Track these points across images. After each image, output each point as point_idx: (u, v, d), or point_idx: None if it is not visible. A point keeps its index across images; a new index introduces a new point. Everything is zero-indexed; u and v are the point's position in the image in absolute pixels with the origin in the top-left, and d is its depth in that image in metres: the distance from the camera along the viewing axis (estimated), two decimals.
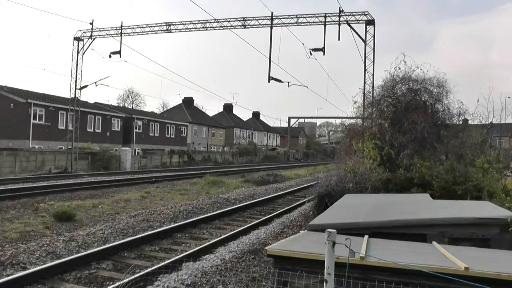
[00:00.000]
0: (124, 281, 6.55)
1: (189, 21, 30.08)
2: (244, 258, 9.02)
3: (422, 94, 16.57)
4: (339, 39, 26.25)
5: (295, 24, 27.37)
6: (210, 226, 13.11)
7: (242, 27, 28.50)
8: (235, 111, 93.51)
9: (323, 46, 26.19)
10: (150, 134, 58.87)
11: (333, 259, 3.75)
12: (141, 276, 7.07)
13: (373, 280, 4.76)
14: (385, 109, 17.02)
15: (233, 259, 8.83)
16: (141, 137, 56.43)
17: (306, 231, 7.17)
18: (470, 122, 17.87)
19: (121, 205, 16.73)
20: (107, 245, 9.60)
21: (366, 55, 25.32)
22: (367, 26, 25.52)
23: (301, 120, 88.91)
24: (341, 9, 25.86)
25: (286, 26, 27.43)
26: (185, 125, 68.33)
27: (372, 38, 25.43)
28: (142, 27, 31.01)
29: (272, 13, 27.61)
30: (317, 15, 26.82)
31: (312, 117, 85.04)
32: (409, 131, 14.92)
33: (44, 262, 8.25)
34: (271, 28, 27.57)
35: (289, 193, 23.42)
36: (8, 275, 7.22)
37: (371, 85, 23.58)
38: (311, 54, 26.45)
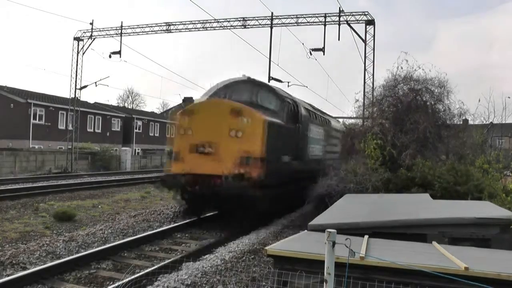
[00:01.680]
0: (124, 281, 6.54)
1: (189, 21, 30.06)
2: (244, 258, 9.01)
3: (423, 94, 16.55)
4: (339, 39, 26.26)
5: (295, 24, 27.36)
6: (211, 226, 13.08)
7: (242, 27, 28.48)
8: None
9: (323, 46, 26.17)
10: (150, 134, 58.90)
11: (333, 259, 3.75)
12: (141, 276, 7.06)
13: (373, 280, 4.76)
14: (386, 108, 17.00)
15: (233, 259, 8.82)
16: (141, 137, 56.45)
17: (306, 231, 7.17)
18: (470, 122, 17.85)
19: (121, 205, 16.73)
20: (107, 245, 9.60)
21: (366, 55, 25.31)
22: (367, 26, 25.49)
23: None
24: (341, 9, 25.86)
25: (286, 26, 27.42)
26: None
27: (372, 38, 25.42)
28: (142, 27, 30.99)
29: (272, 13, 27.60)
30: (317, 15, 26.80)
31: None
32: (411, 131, 14.90)
33: (44, 262, 8.24)
34: (271, 28, 27.56)
35: None
36: (8, 275, 7.22)
37: (371, 85, 23.58)
38: (311, 54, 26.44)
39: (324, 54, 26.33)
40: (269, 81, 26.28)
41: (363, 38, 25.44)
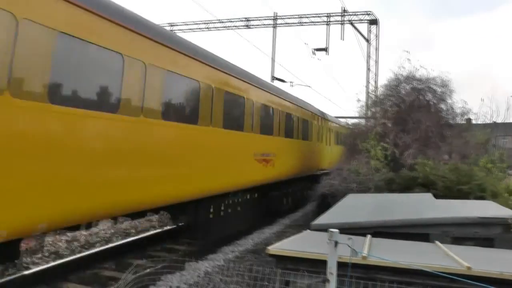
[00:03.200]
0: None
1: (192, 22, 30.11)
2: (246, 257, 9.01)
3: (426, 93, 16.54)
4: (342, 39, 26.23)
5: (298, 24, 27.36)
6: None
7: (246, 27, 28.50)
8: None
9: (326, 45, 26.16)
10: None
11: (335, 258, 3.75)
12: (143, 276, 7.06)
13: (376, 280, 4.75)
14: (389, 108, 16.99)
15: (235, 258, 8.82)
16: None
17: (308, 230, 7.16)
18: (474, 121, 17.83)
19: None
20: (110, 245, 9.61)
21: (370, 54, 25.31)
22: (371, 26, 25.49)
23: None
24: (344, 8, 25.85)
25: (289, 26, 27.43)
26: None
27: (376, 37, 25.42)
28: None
29: (275, 13, 27.62)
30: (320, 15, 26.79)
31: None
32: (413, 130, 14.88)
33: (47, 262, 8.26)
34: (274, 28, 27.58)
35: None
36: (10, 275, 7.23)
37: (375, 84, 23.61)
38: (314, 54, 26.44)
39: (327, 54, 26.32)
40: (272, 81, 26.31)
41: (367, 37, 25.46)
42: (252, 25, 28.35)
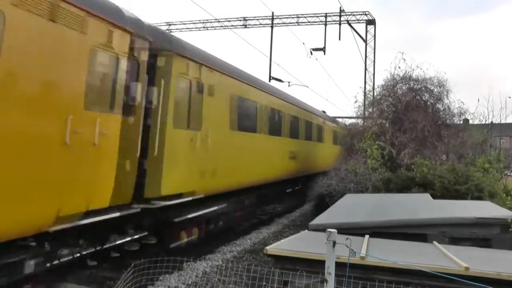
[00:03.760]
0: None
1: (189, 21, 30.01)
2: (244, 257, 9.01)
3: (422, 93, 16.56)
4: (339, 39, 26.18)
5: (296, 24, 27.33)
6: None
7: (243, 26, 28.45)
8: None
9: (323, 45, 26.12)
10: None
11: (333, 259, 3.76)
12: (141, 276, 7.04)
13: (374, 280, 4.76)
14: (386, 108, 17.01)
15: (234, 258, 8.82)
16: None
17: (306, 231, 7.17)
18: (470, 121, 17.84)
19: None
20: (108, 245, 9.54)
21: (367, 54, 25.33)
22: (368, 26, 25.51)
23: None
24: (341, 8, 25.82)
25: (286, 25, 27.40)
26: None
27: (373, 37, 25.43)
28: None
29: (272, 12, 27.58)
30: (317, 15, 26.76)
31: None
32: (410, 130, 14.91)
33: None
34: (272, 27, 27.56)
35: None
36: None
37: (372, 84, 23.65)
38: (311, 53, 26.40)
39: (324, 53, 26.24)
40: (269, 81, 26.27)
41: (364, 37, 25.47)
42: (250, 25, 28.32)
